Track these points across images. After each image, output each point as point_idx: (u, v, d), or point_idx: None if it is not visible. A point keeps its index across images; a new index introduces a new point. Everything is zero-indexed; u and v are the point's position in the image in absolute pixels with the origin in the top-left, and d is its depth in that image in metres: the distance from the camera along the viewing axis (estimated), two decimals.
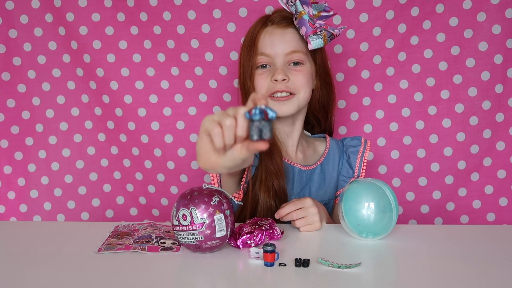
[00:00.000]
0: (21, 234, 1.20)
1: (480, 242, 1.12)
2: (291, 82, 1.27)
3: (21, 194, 1.65)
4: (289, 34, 1.29)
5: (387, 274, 0.99)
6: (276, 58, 1.28)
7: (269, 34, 1.29)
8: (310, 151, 1.42)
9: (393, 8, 1.53)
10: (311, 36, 1.26)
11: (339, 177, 1.40)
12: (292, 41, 1.29)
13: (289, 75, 1.27)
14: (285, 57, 1.28)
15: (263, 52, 1.28)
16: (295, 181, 1.36)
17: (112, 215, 1.68)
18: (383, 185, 1.12)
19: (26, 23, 1.59)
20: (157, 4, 1.57)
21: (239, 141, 0.84)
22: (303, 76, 1.29)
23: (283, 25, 1.29)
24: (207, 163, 0.89)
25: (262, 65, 1.29)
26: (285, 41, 1.28)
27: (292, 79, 1.27)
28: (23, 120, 1.63)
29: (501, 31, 1.51)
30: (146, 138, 1.62)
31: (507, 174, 1.57)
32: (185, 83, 1.60)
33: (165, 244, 1.11)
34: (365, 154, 1.39)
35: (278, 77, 1.25)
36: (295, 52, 1.28)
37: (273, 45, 1.28)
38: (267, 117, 0.81)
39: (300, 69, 1.29)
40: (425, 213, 1.60)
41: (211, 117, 0.85)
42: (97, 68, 1.59)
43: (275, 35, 1.28)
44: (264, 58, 1.28)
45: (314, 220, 1.17)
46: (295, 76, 1.28)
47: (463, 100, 1.55)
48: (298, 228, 1.17)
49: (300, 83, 1.28)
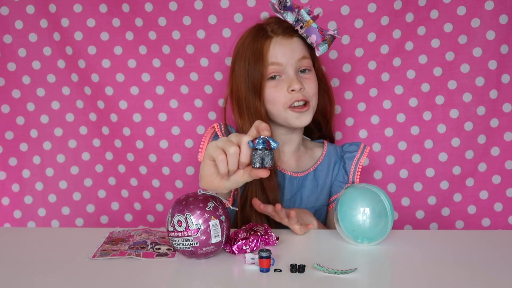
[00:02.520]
0: (15, 240, 1.20)
1: (475, 247, 1.12)
2: (306, 91, 1.29)
3: (15, 200, 1.64)
4: (296, 43, 1.31)
5: (382, 280, 0.99)
6: (288, 66, 1.29)
7: (278, 45, 1.29)
8: (306, 157, 1.42)
9: (388, 14, 1.54)
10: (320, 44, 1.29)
11: (335, 182, 1.40)
12: (300, 48, 1.31)
13: (303, 83, 1.29)
14: (296, 64, 1.29)
15: (274, 62, 1.29)
16: (286, 187, 1.36)
17: (107, 221, 1.67)
18: (379, 190, 1.12)
19: (21, 28, 1.58)
20: (152, 10, 1.57)
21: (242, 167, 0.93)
22: (314, 83, 1.32)
23: (288, 35, 1.31)
24: (209, 185, 1.00)
25: (272, 76, 1.30)
26: (294, 49, 1.30)
27: (306, 87, 1.29)
28: (18, 125, 1.62)
29: (495, 37, 1.52)
30: (141, 143, 1.61)
31: (502, 180, 1.57)
32: (180, 89, 1.60)
33: (160, 250, 1.10)
34: (361, 160, 1.39)
35: (295, 87, 1.27)
36: (304, 59, 1.31)
37: (284, 54, 1.29)
38: (269, 146, 0.88)
39: (309, 76, 1.32)
40: (421, 218, 1.60)
41: (216, 144, 0.93)
42: (92, 73, 1.58)
43: (284, 45, 1.30)
44: (275, 67, 1.29)
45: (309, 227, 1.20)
46: (308, 84, 1.30)
47: (458, 105, 1.56)
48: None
49: (313, 91, 1.31)
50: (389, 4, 1.53)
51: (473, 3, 1.52)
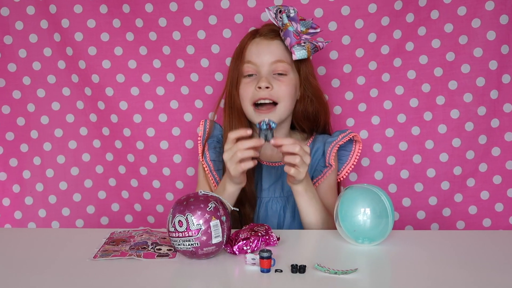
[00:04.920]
0: (15, 241, 1.20)
1: (476, 247, 1.12)
2: (275, 91, 1.33)
3: (15, 201, 1.64)
4: (275, 45, 1.36)
5: (383, 280, 0.99)
6: (262, 67, 1.34)
7: (256, 44, 1.37)
8: None
9: (388, 14, 1.54)
10: (295, 47, 1.33)
11: (317, 167, 1.42)
12: (277, 51, 1.36)
13: (272, 83, 1.33)
14: (270, 66, 1.34)
15: (249, 61, 1.35)
16: (263, 177, 1.41)
17: (107, 222, 1.67)
18: (379, 190, 1.12)
19: (21, 29, 1.58)
20: (152, 10, 1.57)
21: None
22: (286, 86, 1.35)
23: (270, 36, 1.37)
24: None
25: (248, 74, 1.35)
26: (270, 51, 1.35)
27: (276, 88, 1.34)
28: (18, 126, 1.62)
29: (495, 37, 1.52)
30: (141, 144, 1.61)
31: (503, 180, 1.57)
32: (180, 89, 1.60)
33: (161, 250, 1.10)
34: (339, 142, 1.40)
35: (262, 84, 1.32)
36: (279, 62, 1.35)
37: (259, 54, 1.35)
38: (270, 127, 1.18)
39: (283, 79, 1.35)
40: (421, 218, 1.60)
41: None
42: (92, 74, 1.58)
43: (262, 45, 1.36)
44: (250, 66, 1.35)
45: (302, 170, 1.21)
46: (279, 85, 1.34)
47: (459, 106, 1.55)
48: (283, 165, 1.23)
49: (283, 93, 1.34)
50: (390, 5, 1.53)
51: (474, 4, 1.52)
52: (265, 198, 1.40)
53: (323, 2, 1.54)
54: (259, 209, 1.39)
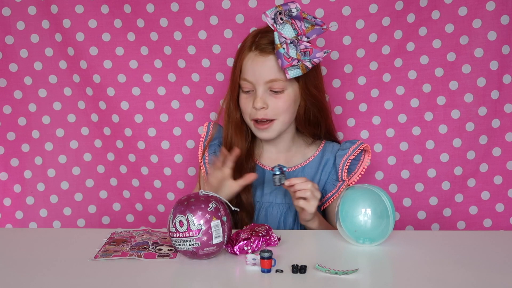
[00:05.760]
0: (17, 241, 1.20)
1: (477, 248, 1.12)
2: (270, 109, 1.33)
3: (17, 201, 1.64)
4: (270, 62, 1.32)
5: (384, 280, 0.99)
6: (257, 85, 1.33)
7: (251, 61, 1.34)
8: (298, 156, 1.44)
9: (389, 14, 1.54)
10: (288, 68, 1.29)
11: (328, 180, 1.41)
12: (273, 69, 1.32)
13: (268, 102, 1.33)
14: (265, 85, 1.33)
15: (245, 79, 1.34)
16: (266, 182, 1.40)
17: (109, 222, 1.67)
18: (380, 191, 1.12)
19: (22, 29, 1.58)
20: (154, 11, 1.57)
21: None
22: (283, 103, 1.34)
23: (267, 51, 1.33)
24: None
25: (246, 90, 1.36)
26: (265, 69, 1.33)
27: (271, 106, 1.33)
28: (19, 126, 1.62)
29: (496, 37, 1.52)
30: (142, 144, 1.62)
31: (504, 180, 1.57)
32: (182, 89, 1.60)
33: (162, 250, 1.10)
34: (351, 156, 1.40)
35: (257, 105, 1.32)
36: (275, 81, 1.32)
37: (254, 72, 1.33)
38: (282, 171, 1.24)
39: (280, 96, 1.34)
40: (422, 219, 1.60)
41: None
42: (93, 74, 1.58)
43: (257, 63, 1.33)
44: (246, 84, 1.35)
45: (313, 203, 1.24)
46: (275, 103, 1.33)
47: (459, 106, 1.55)
48: (294, 200, 1.26)
49: (280, 110, 1.34)
50: (391, 5, 1.53)
51: (475, 4, 1.51)
52: (265, 203, 1.40)
53: (324, 2, 1.54)
54: (258, 213, 1.39)
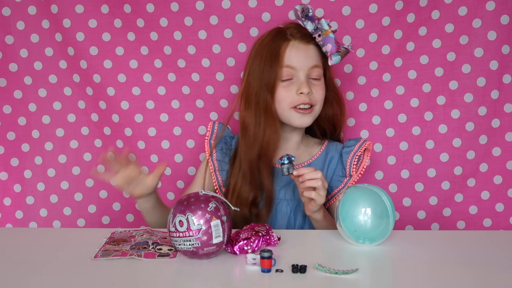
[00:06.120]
0: (17, 241, 1.20)
1: (477, 247, 1.12)
2: (313, 96, 1.37)
3: (17, 201, 1.64)
4: (312, 50, 1.38)
5: (384, 280, 0.99)
6: (300, 71, 1.36)
7: (295, 48, 1.36)
8: (305, 154, 1.46)
9: (389, 14, 1.54)
10: (334, 53, 1.35)
11: (333, 177, 1.43)
12: (315, 56, 1.38)
13: (311, 88, 1.36)
14: (308, 71, 1.36)
15: (288, 65, 1.35)
16: (275, 178, 1.41)
17: (109, 222, 1.67)
18: (380, 190, 1.12)
19: (22, 29, 1.59)
20: (154, 11, 1.57)
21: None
22: (322, 90, 1.39)
23: (306, 40, 1.37)
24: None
25: (287, 78, 1.36)
26: (309, 56, 1.37)
27: (314, 92, 1.37)
28: (19, 126, 1.62)
29: (496, 37, 1.52)
30: (142, 144, 1.62)
31: (504, 180, 1.57)
32: (182, 89, 1.60)
33: (162, 250, 1.11)
34: (357, 153, 1.41)
35: (304, 90, 1.34)
36: (316, 67, 1.37)
37: (299, 58, 1.36)
38: (291, 161, 1.24)
39: (318, 84, 1.39)
40: (422, 218, 1.60)
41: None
42: (94, 74, 1.59)
43: (301, 50, 1.36)
44: (289, 70, 1.36)
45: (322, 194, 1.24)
46: (316, 90, 1.38)
47: (459, 106, 1.56)
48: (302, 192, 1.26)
49: (320, 97, 1.39)
50: (390, 5, 1.53)
51: (474, 4, 1.52)
52: (275, 199, 1.40)
53: (324, 2, 1.54)
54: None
